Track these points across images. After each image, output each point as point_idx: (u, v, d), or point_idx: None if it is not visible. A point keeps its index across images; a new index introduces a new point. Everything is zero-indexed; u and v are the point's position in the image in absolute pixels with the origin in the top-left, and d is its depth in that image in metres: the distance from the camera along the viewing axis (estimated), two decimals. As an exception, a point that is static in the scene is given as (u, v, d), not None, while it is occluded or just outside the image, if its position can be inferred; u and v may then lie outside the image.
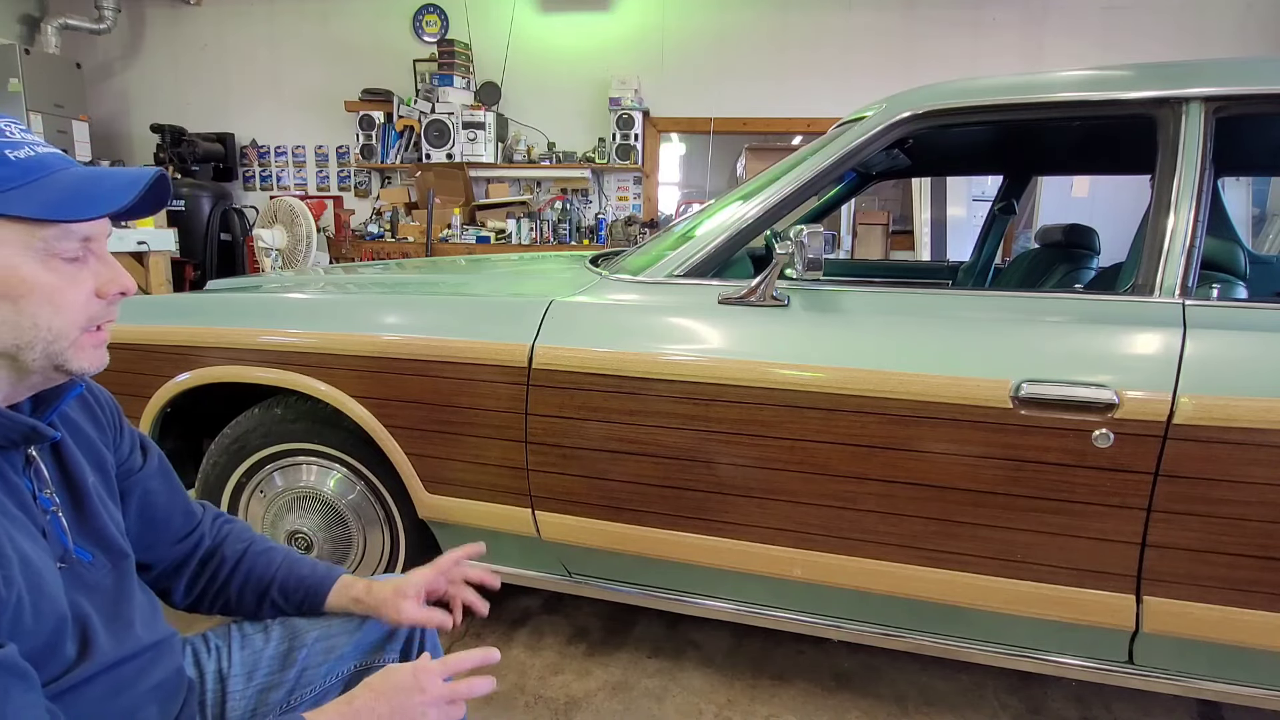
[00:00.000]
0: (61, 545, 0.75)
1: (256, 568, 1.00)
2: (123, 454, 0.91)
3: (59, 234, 0.67)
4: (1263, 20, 4.71)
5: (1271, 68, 1.33)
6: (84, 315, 0.70)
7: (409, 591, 0.99)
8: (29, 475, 0.74)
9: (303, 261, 3.92)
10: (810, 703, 1.71)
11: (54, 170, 0.68)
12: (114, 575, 0.81)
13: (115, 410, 0.92)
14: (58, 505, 0.77)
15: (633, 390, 1.46)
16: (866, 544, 1.40)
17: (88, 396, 0.88)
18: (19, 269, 0.66)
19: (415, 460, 1.63)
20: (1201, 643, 1.29)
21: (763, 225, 1.54)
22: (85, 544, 0.79)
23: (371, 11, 5.59)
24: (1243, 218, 4.54)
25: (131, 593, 0.83)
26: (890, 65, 5.05)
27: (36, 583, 0.68)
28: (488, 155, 5.29)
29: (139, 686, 0.80)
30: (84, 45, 5.76)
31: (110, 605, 0.79)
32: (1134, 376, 1.24)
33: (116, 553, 0.82)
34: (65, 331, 0.69)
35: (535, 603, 2.10)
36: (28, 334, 0.67)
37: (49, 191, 0.66)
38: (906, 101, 1.49)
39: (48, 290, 0.67)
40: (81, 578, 0.76)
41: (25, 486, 0.74)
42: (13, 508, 0.71)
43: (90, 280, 0.71)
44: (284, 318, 1.71)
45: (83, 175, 0.69)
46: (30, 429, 0.72)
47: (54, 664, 0.70)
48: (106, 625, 0.77)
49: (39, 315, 0.67)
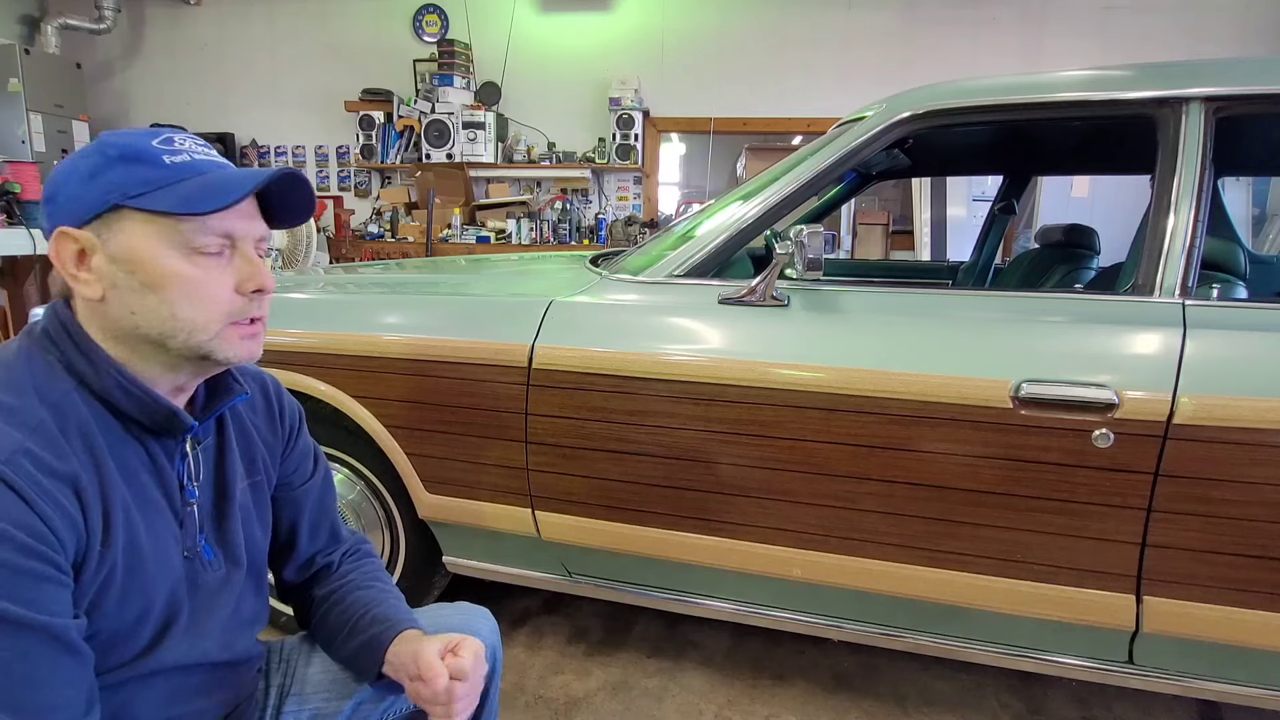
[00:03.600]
0: (192, 537, 0.79)
1: (345, 603, 0.96)
2: (292, 463, 0.95)
3: (196, 228, 0.71)
4: (1263, 20, 4.71)
5: (1271, 68, 1.33)
6: (224, 309, 0.74)
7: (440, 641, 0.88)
8: (182, 464, 0.79)
9: (303, 261, 3.92)
10: (810, 703, 1.71)
11: (203, 173, 0.73)
12: (223, 580, 0.83)
13: (295, 419, 0.96)
14: (199, 500, 0.81)
15: (633, 390, 1.46)
16: (866, 544, 1.40)
17: (273, 402, 0.93)
18: (160, 260, 0.71)
19: (415, 460, 1.63)
20: (1201, 643, 1.29)
21: (763, 225, 1.54)
22: (213, 543, 0.83)
23: (371, 11, 5.59)
24: (1243, 218, 4.54)
25: (229, 602, 0.85)
26: (890, 65, 5.05)
27: (136, 565, 0.71)
28: (488, 155, 5.29)
29: (200, 700, 0.82)
30: (84, 45, 5.76)
31: (205, 609, 0.81)
32: (1134, 376, 1.24)
33: (235, 560, 0.85)
34: (206, 324, 0.73)
35: (535, 603, 2.10)
36: (169, 324, 0.72)
37: (188, 189, 0.71)
38: (906, 102, 1.49)
39: (188, 283, 0.72)
40: (196, 575, 0.79)
41: (176, 473, 0.78)
42: (155, 492, 0.76)
43: (231, 276, 0.75)
44: (284, 318, 1.71)
45: (222, 174, 0.74)
46: (171, 413, 0.75)
47: (123, 650, 0.72)
48: (191, 626, 0.79)
49: (178, 306, 0.72)
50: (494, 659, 1.01)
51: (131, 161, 0.70)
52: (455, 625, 0.99)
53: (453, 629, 0.97)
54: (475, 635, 0.95)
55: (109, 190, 0.70)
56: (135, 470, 0.74)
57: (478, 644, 0.86)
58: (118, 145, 0.71)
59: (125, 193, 0.69)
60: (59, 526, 0.64)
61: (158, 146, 0.72)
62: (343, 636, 0.94)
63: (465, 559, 1.74)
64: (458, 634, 0.88)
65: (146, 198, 0.70)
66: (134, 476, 0.74)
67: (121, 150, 0.71)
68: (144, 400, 0.74)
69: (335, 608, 0.96)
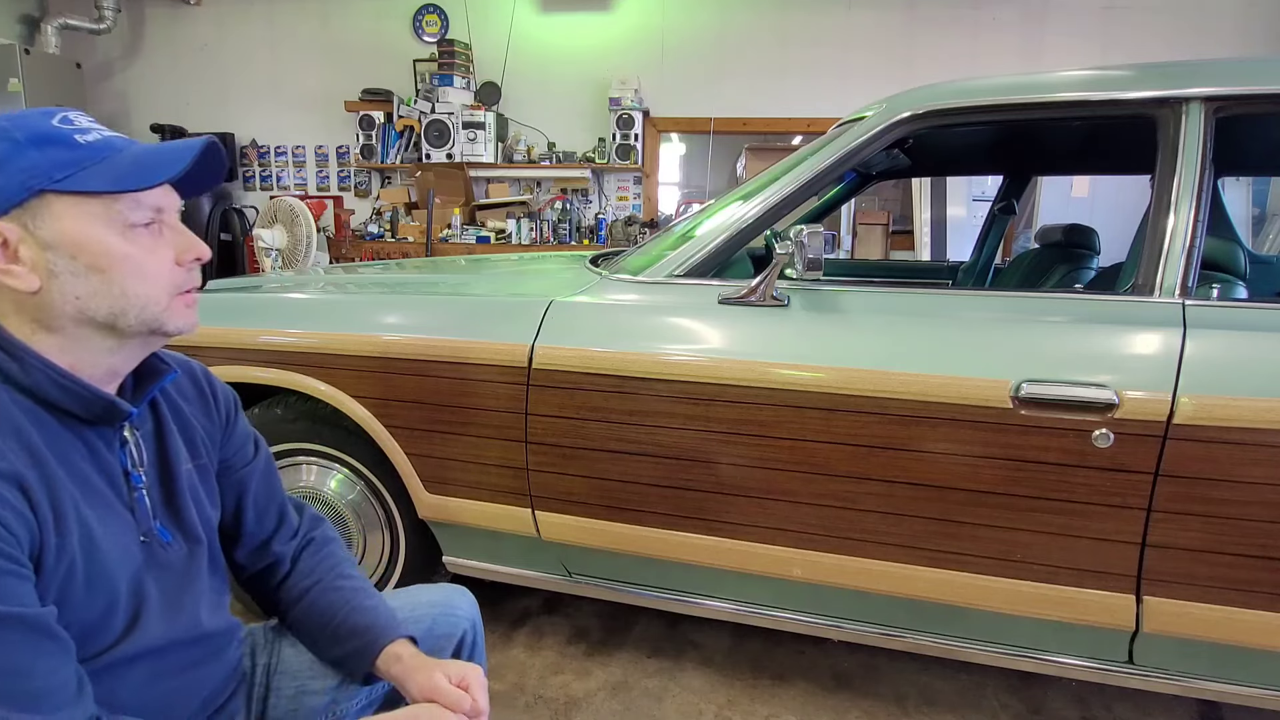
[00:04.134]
0: (146, 521, 0.80)
1: (317, 607, 0.96)
2: (232, 446, 0.95)
3: (130, 205, 0.72)
4: (1264, 20, 4.71)
5: (1271, 68, 1.33)
6: (170, 281, 0.76)
7: (449, 671, 0.89)
8: (123, 452, 0.79)
9: (303, 261, 3.92)
10: (810, 703, 1.71)
11: (120, 150, 0.73)
12: (187, 559, 0.84)
13: (230, 404, 0.96)
14: (146, 484, 0.81)
15: (633, 390, 1.46)
16: (866, 544, 1.40)
17: (204, 387, 0.93)
18: (103, 240, 0.71)
19: (415, 460, 1.63)
20: (1201, 643, 1.29)
21: (763, 225, 1.54)
22: (168, 524, 0.83)
23: (371, 11, 5.59)
24: (1243, 218, 4.54)
25: (197, 578, 0.86)
26: (890, 65, 5.05)
27: (95, 556, 0.72)
28: (488, 155, 5.28)
29: (184, 676, 0.83)
30: (84, 45, 5.75)
31: (174, 589, 0.82)
32: (1134, 376, 1.24)
33: (193, 537, 0.85)
34: (155, 297, 0.74)
35: (535, 603, 2.10)
36: (119, 302, 0.72)
37: (117, 167, 0.71)
38: (906, 102, 1.49)
39: (133, 260, 0.72)
40: (156, 557, 0.80)
41: (119, 463, 0.78)
42: (100, 482, 0.75)
43: (168, 249, 0.76)
44: (284, 318, 1.71)
45: (144, 149, 0.75)
46: (110, 404, 0.75)
47: (99, 639, 0.73)
48: (163, 608, 0.80)
49: (127, 284, 0.72)
50: (475, 634, 1.05)
51: (44, 145, 0.69)
52: (435, 601, 1.05)
53: (433, 604, 1.03)
54: (454, 612, 1.04)
55: (30, 176, 0.68)
56: (77, 464, 0.74)
57: (479, 673, 0.88)
58: (21, 129, 0.69)
59: (50, 177, 0.68)
60: (11, 522, 0.64)
61: (61, 126, 0.71)
62: (324, 643, 0.95)
63: (465, 559, 1.74)
64: (457, 664, 0.89)
65: (74, 179, 0.69)
66: (76, 470, 0.73)
67: (29, 134, 0.69)
68: (79, 393, 0.73)
69: (308, 612, 0.96)
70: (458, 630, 1.04)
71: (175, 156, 0.73)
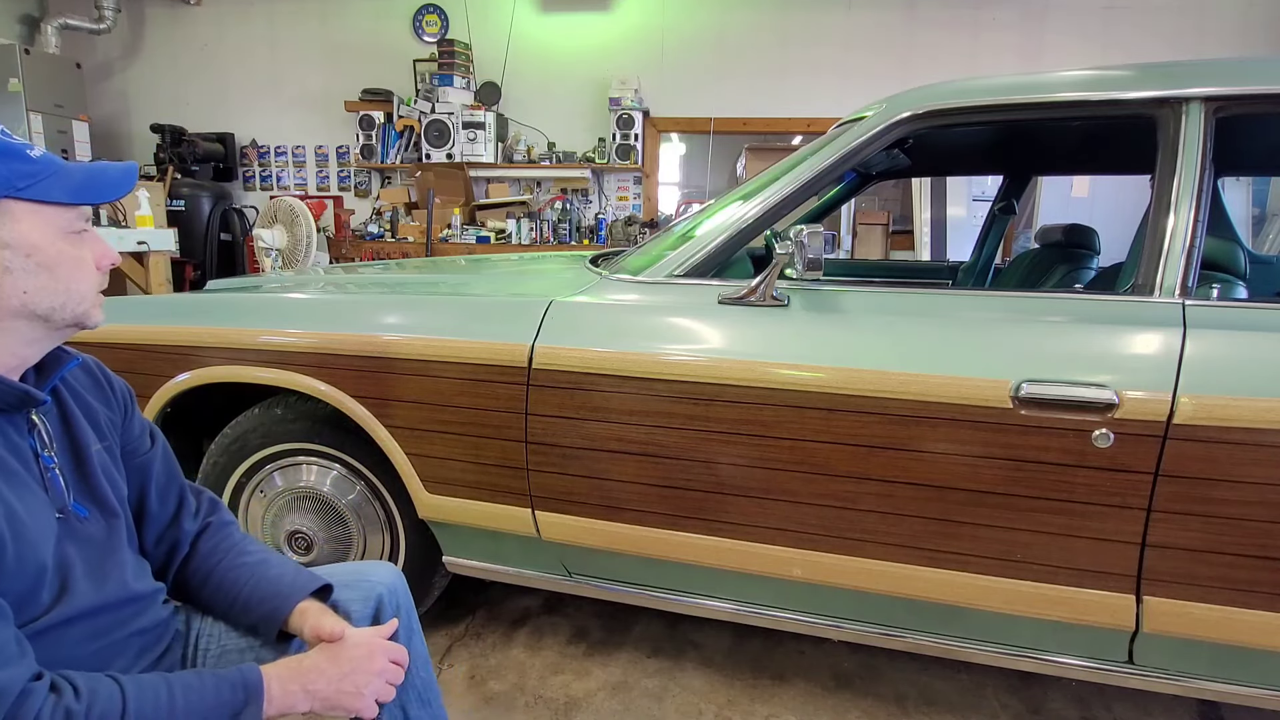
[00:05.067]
0: (60, 499, 0.86)
1: (223, 586, 1.03)
2: (131, 435, 1.02)
3: (75, 216, 0.84)
4: (1264, 20, 4.71)
5: (1271, 68, 1.33)
6: (96, 280, 0.87)
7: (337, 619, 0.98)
8: (33, 436, 0.86)
9: (303, 261, 3.92)
10: (810, 703, 1.71)
11: (60, 165, 0.83)
12: (105, 531, 0.92)
13: (127, 395, 1.04)
14: (58, 464, 0.88)
15: (633, 390, 1.46)
16: (866, 544, 1.40)
17: (100, 379, 1.01)
18: (55, 243, 0.82)
19: (415, 460, 1.63)
20: (1201, 643, 1.29)
21: (763, 225, 1.54)
22: (83, 501, 0.90)
23: (371, 11, 5.59)
24: (1243, 218, 4.54)
25: (118, 548, 0.93)
26: (890, 65, 5.05)
27: (20, 531, 0.78)
28: (488, 155, 5.29)
29: (117, 633, 0.90)
30: (84, 45, 5.76)
31: (97, 558, 0.89)
32: (1134, 376, 1.24)
33: (110, 511, 0.93)
34: (87, 294, 0.86)
35: (535, 603, 2.10)
36: (61, 297, 0.83)
37: (70, 180, 0.82)
38: (906, 102, 1.49)
39: (76, 261, 0.84)
40: (75, 530, 0.87)
41: (29, 446, 0.85)
42: (14, 464, 0.82)
43: (90, 254, 0.87)
44: (284, 318, 1.71)
45: (87, 168, 0.85)
46: (23, 394, 0.83)
47: (31, 606, 0.80)
48: (89, 575, 0.87)
49: (70, 281, 0.83)
50: (397, 600, 1.08)
51: (6, 158, 0.78)
52: (349, 569, 1.11)
53: (346, 572, 1.10)
54: (366, 578, 1.08)
55: None
56: None
57: (385, 631, 0.98)
58: None
59: (14, 185, 0.78)
60: None
61: (13, 141, 0.80)
62: (235, 616, 1.02)
63: (465, 559, 1.74)
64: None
65: (35, 189, 0.79)
66: None
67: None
68: None
69: (215, 592, 1.03)
70: (372, 594, 1.06)
71: (121, 179, 0.86)
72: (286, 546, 1.82)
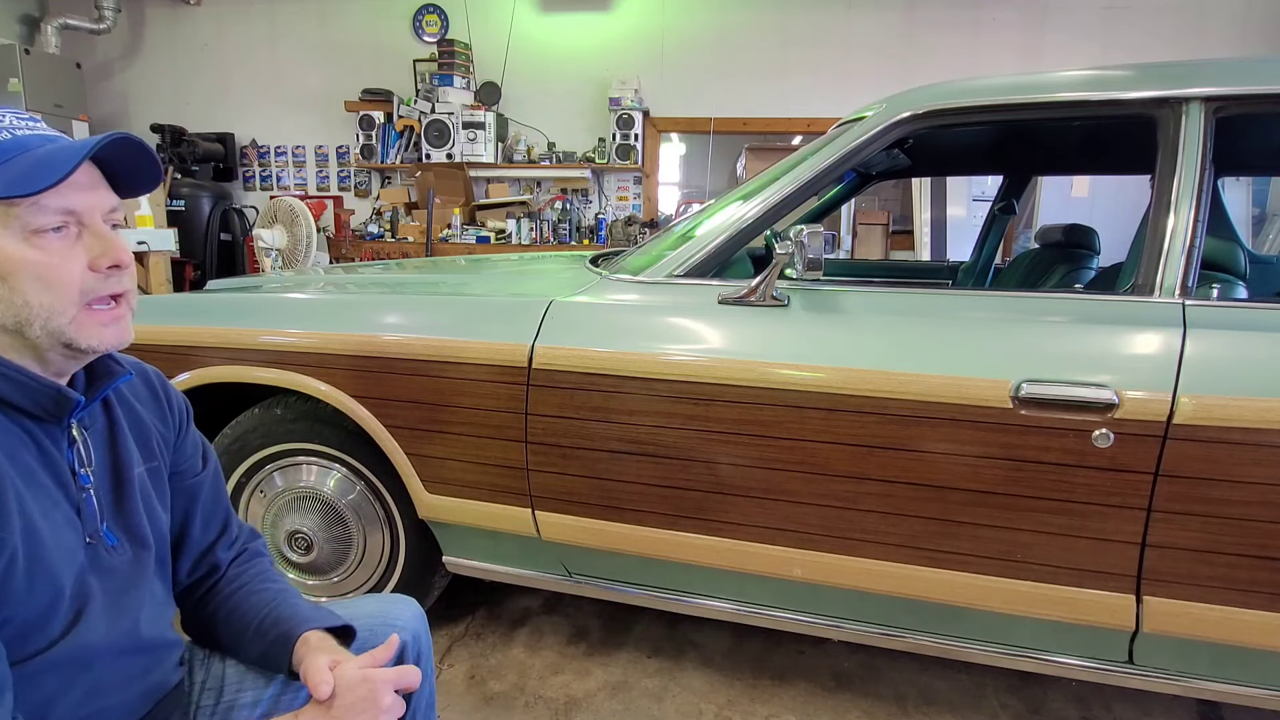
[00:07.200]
0: (92, 523, 0.77)
1: (241, 609, 0.94)
2: (184, 454, 0.94)
3: (31, 209, 0.68)
4: (1263, 20, 4.71)
5: (1271, 68, 1.33)
6: (77, 290, 0.71)
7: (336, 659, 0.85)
8: (71, 451, 0.77)
9: (303, 261, 3.92)
10: (810, 703, 1.71)
11: (29, 150, 0.69)
12: (131, 563, 0.82)
13: (183, 411, 0.95)
14: (94, 485, 0.79)
15: (633, 390, 1.46)
16: (866, 544, 1.40)
17: (159, 392, 0.92)
18: (8, 245, 0.68)
19: (415, 460, 1.63)
20: (1201, 643, 1.29)
21: (763, 225, 1.54)
22: (115, 528, 0.81)
23: (371, 11, 5.59)
24: (1243, 218, 4.54)
25: (141, 585, 0.83)
26: (890, 65, 5.05)
27: (38, 552, 0.69)
28: (488, 155, 5.28)
29: (115, 677, 0.79)
30: (84, 45, 5.75)
31: (117, 592, 0.80)
32: (1134, 376, 1.24)
33: (140, 542, 0.83)
34: (61, 308, 0.70)
35: (535, 603, 2.10)
36: (23, 311, 0.69)
37: (13, 170, 0.68)
38: (906, 102, 1.49)
39: (35, 267, 0.69)
40: (101, 559, 0.78)
41: (66, 460, 0.76)
42: (45, 478, 0.73)
43: (82, 254, 0.72)
44: (284, 318, 1.71)
45: (51, 149, 0.70)
46: (57, 393, 0.73)
47: (38, 637, 0.71)
48: (105, 611, 0.77)
49: (29, 292, 0.69)
50: (419, 647, 0.98)
51: None
52: (373, 612, 0.99)
53: (370, 615, 0.97)
54: (392, 623, 0.96)
55: None
56: (23, 459, 0.72)
57: (399, 676, 0.82)
58: None
59: None
60: None
61: None
62: (248, 641, 0.92)
63: (465, 559, 1.74)
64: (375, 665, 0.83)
65: None
66: (22, 465, 0.72)
67: None
68: (24, 382, 0.71)
69: (233, 613, 0.93)
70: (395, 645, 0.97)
71: (66, 156, 0.69)
72: (286, 546, 1.82)
